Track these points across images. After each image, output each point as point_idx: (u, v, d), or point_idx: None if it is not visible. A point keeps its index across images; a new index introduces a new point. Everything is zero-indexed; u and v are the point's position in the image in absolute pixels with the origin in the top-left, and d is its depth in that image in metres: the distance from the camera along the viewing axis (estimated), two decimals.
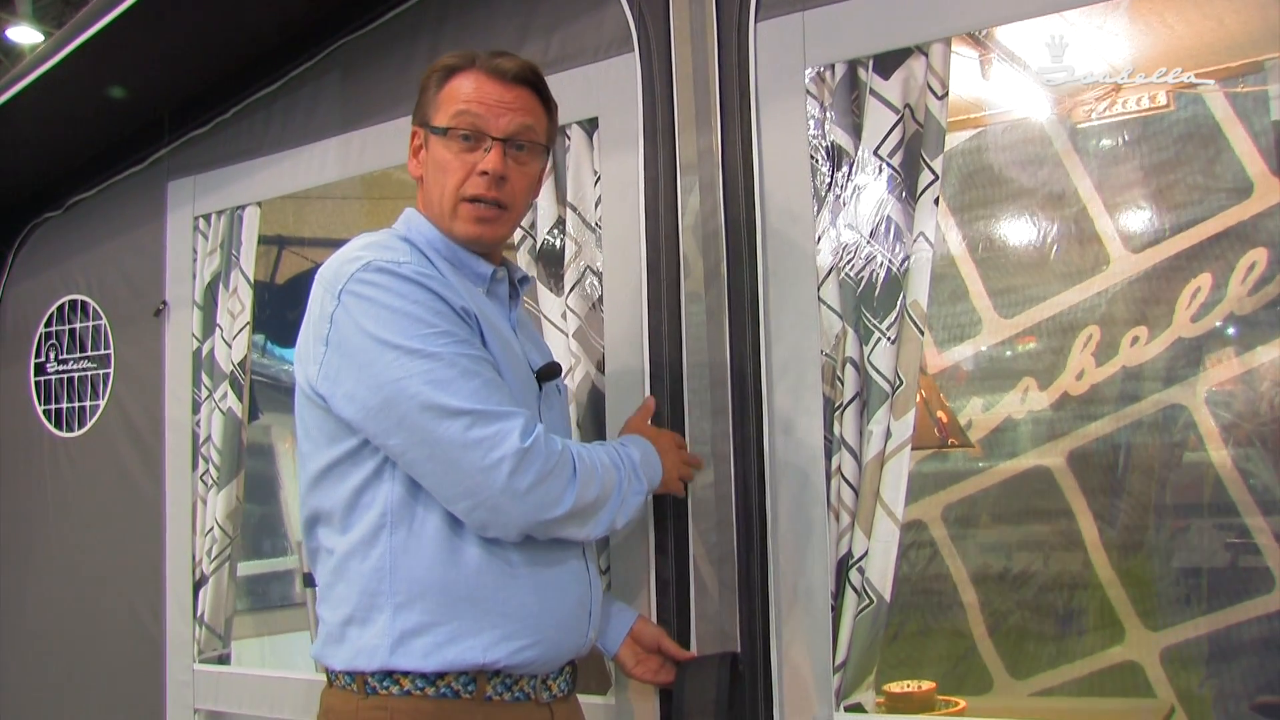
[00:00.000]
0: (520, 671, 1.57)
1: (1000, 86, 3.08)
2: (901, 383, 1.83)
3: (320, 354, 1.55)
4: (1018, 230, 3.66)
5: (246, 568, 4.14)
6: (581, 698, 1.95)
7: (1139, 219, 3.45)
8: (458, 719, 1.52)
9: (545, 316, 2.18)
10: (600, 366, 2.09)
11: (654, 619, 1.93)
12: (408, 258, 1.55)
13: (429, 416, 1.47)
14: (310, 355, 1.57)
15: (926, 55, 1.84)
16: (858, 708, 1.84)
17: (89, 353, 3.03)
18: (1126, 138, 3.40)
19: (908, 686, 2.56)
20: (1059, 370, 3.52)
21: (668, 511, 1.94)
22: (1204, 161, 3.28)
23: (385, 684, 1.52)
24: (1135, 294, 3.43)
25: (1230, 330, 3.32)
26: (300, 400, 1.62)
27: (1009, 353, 3.69)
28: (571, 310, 2.13)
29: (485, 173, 1.63)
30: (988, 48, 2.77)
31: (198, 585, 2.73)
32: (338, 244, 1.70)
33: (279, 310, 3.42)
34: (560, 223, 2.18)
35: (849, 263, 1.89)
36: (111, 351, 2.98)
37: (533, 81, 1.69)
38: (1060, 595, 3.51)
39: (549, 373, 1.73)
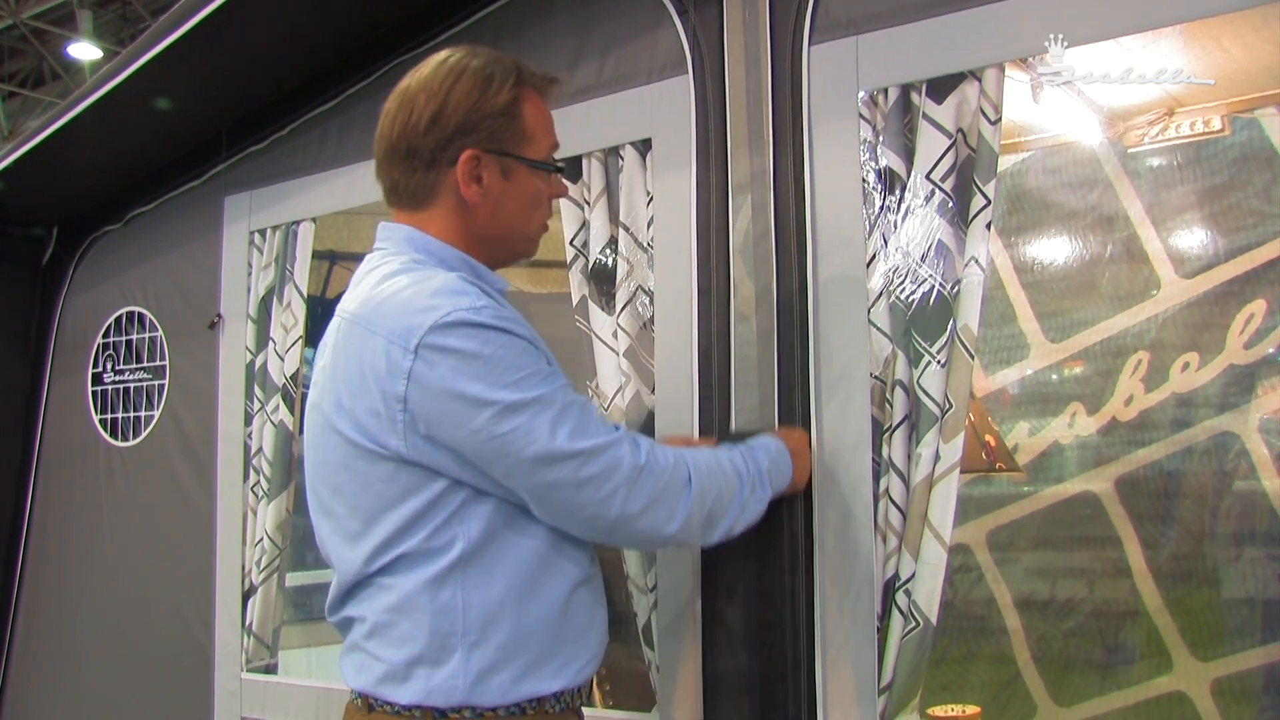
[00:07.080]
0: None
1: (1050, 110, 3.06)
2: (951, 406, 1.82)
3: (396, 412, 1.47)
4: (1066, 254, 3.63)
5: (291, 579, 4.17)
6: (626, 714, 1.97)
7: (1191, 244, 3.42)
8: None
9: (597, 335, 2.19)
10: (651, 385, 2.10)
11: (700, 637, 1.94)
12: (481, 300, 1.50)
13: (539, 466, 1.47)
14: (376, 412, 1.49)
15: (980, 80, 1.85)
16: None
17: (145, 364, 3.08)
18: (1179, 162, 3.37)
19: (952, 710, 2.55)
20: (1107, 395, 3.48)
21: None
22: (1260, 187, 3.23)
23: (460, 710, 1.52)
24: (1186, 320, 3.38)
25: None
26: (351, 456, 1.53)
27: (1056, 377, 3.66)
28: (623, 329, 2.15)
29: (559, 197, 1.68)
30: (1038, 71, 2.76)
31: (247, 595, 2.77)
32: None
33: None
34: (613, 242, 2.20)
35: (900, 286, 1.89)
36: (167, 363, 3.04)
37: None
38: (1106, 623, 3.46)
39: None
